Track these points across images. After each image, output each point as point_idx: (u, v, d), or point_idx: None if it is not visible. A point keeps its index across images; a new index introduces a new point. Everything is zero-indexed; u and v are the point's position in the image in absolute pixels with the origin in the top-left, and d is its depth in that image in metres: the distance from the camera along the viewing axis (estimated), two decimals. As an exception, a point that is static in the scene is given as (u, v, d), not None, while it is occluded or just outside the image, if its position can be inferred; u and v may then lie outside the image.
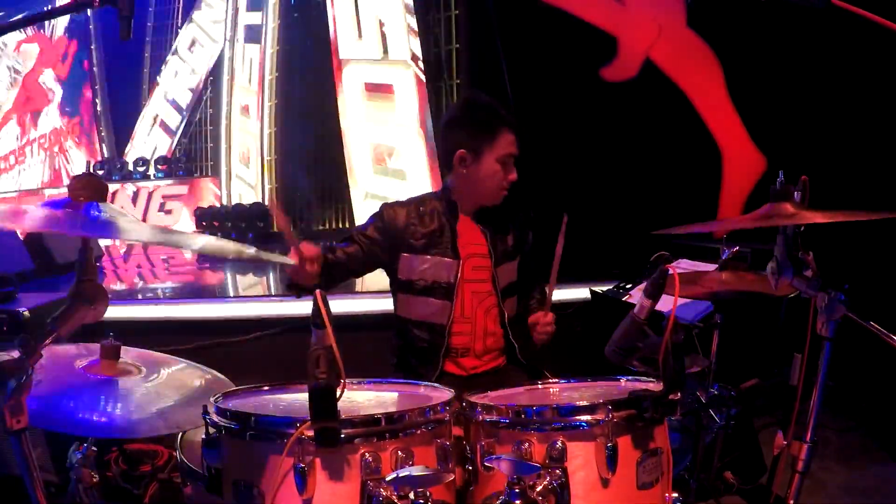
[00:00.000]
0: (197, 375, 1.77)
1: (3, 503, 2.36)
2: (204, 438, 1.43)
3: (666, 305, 1.42)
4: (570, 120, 4.58)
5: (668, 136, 4.56)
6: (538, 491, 1.36)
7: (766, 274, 1.54)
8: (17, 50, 10.52)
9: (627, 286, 3.22)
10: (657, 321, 1.44)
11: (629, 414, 1.41)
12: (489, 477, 1.44)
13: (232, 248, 1.42)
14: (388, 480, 1.28)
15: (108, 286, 1.40)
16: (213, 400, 1.47)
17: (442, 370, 2.21)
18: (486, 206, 2.27)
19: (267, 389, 1.62)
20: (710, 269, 2.38)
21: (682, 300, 2.19)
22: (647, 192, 4.46)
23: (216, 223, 8.78)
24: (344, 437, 1.29)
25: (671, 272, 1.44)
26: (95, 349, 1.66)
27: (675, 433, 1.51)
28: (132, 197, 9.61)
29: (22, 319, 2.71)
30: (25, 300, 2.86)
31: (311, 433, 1.28)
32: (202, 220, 8.96)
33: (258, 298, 4.93)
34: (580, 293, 3.64)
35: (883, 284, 3.17)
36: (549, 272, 2.16)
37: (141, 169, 9.69)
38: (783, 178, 1.53)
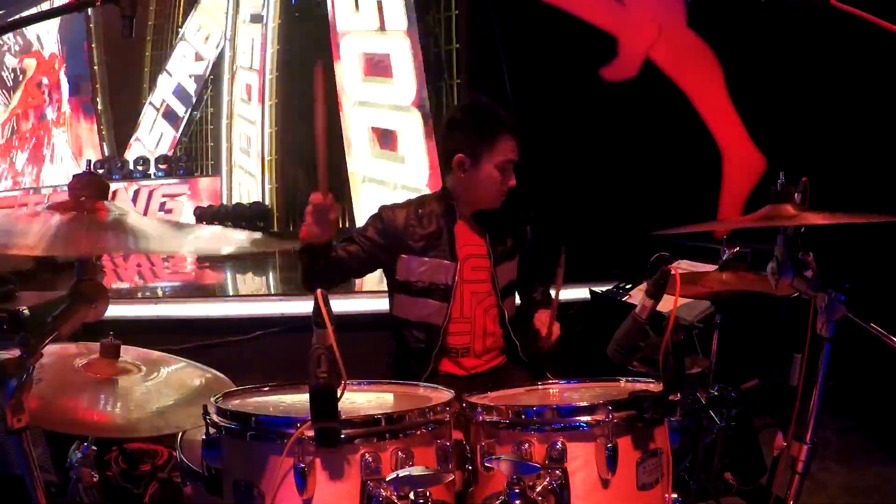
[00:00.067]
0: (197, 375, 1.77)
1: (3, 503, 2.36)
2: (204, 438, 1.43)
3: (666, 306, 1.42)
4: (570, 120, 4.58)
5: (668, 136, 4.55)
6: (538, 491, 1.36)
7: (766, 274, 1.54)
8: (20, 63, 10.64)
9: (627, 286, 3.22)
10: (658, 321, 1.44)
11: (629, 414, 1.41)
12: (489, 477, 1.44)
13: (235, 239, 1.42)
14: (388, 481, 1.28)
15: (107, 285, 1.40)
16: (213, 400, 1.47)
17: (434, 370, 2.21)
18: (484, 209, 2.27)
19: (267, 389, 1.62)
20: (710, 269, 2.38)
21: (682, 300, 2.19)
22: (647, 192, 4.46)
23: (216, 222, 8.78)
24: (344, 437, 1.29)
25: (673, 272, 1.44)
26: (95, 348, 1.66)
27: (674, 434, 1.50)
28: (132, 196, 9.61)
29: (22, 318, 2.70)
30: (25, 299, 2.86)
31: (311, 433, 1.28)
32: (202, 219, 8.97)
33: (258, 298, 4.93)
34: (580, 293, 3.63)
35: (883, 285, 3.17)
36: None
37: (141, 168, 9.68)
38: (784, 178, 1.53)
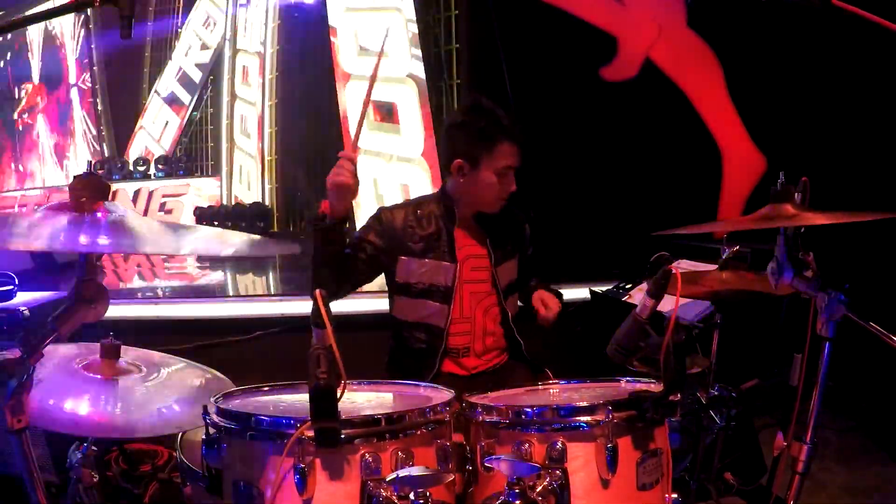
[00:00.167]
0: (197, 375, 1.77)
1: (3, 503, 2.36)
2: (204, 438, 1.43)
3: (667, 306, 1.42)
4: (570, 120, 4.57)
5: (668, 136, 4.55)
6: (538, 491, 1.36)
7: (766, 274, 1.54)
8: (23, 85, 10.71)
9: (627, 286, 3.22)
10: (658, 321, 1.44)
11: (629, 415, 1.41)
12: (489, 477, 1.44)
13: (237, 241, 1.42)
14: (388, 481, 1.28)
15: (107, 286, 1.40)
16: (213, 400, 1.47)
17: (439, 371, 2.21)
18: (483, 212, 2.26)
19: (267, 389, 1.62)
20: (710, 269, 2.38)
21: (682, 300, 2.19)
22: (647, 192, 4.45)
23: (216, 223, 8.78)
24: (344, 437, 1.29)
25: (674, 272, 1.44)
26: (95, 349, 1.66)
27: (675, 434, 1.50)
28: (133, 196, 9.61)
29: (22, 319, 2.71)
30: (25, 300, 2.86)
31: (311, 433, 1.28)
32: (202, 219, 8.97)
33: (258, 298, 4.93)
34: (580, 293, 3.63)
35: (883, 284, 3.17)
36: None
37: (141, 168, 9.68)
38: (783, 178, 1.53)
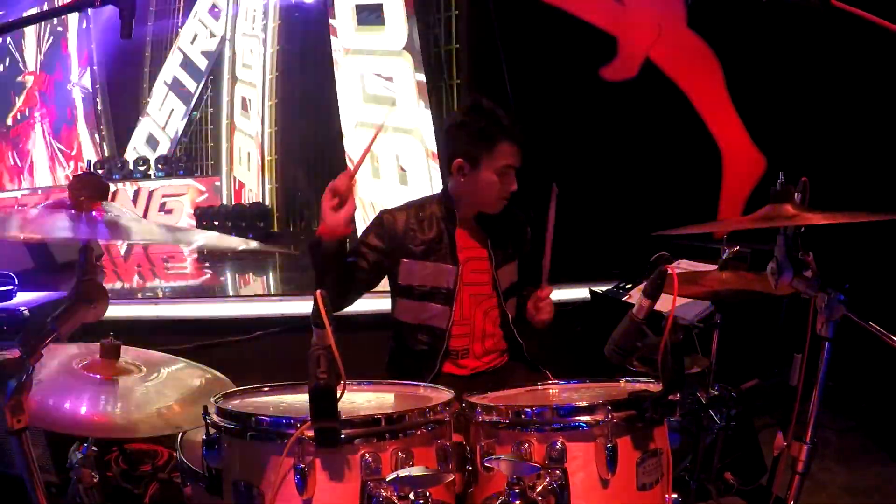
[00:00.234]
0: (197, 375, 1.77)
1: (3, 503, 2.36)
2: (204, 438, 1.43)
3: (665, 305, 1.42)
4: (570, 120, 4.57)
5: (668, 136, 4.55)
6: (538, 491, 1.36)
7: (766, 274, 1.54)
8: (22, 78, 10.72)
9: (627, 286, 3.22)
10: (657, 321, 1.44)
11: (629, 414, 1.41)
12: (489, 477, 1.44)
13: (234, 242, 1.42)
14: (388, 481, 1.28)
15: (107, 286, 1.40)
16: (213, 400, 1.47)
17: (439, 372, 2.21)
18: (485, 212, 2.26)
19: (267, 390, 1.62)
20: (710, 269, 2.38)
21: (682, 300, 2.19)
22: (647, 192, 4.45)
23: (216, 223, 8.78)
24: (344, 437, 1.29)
25: (670, 272, 1.44)
26: (95, 349, 1.66)
27: (674, 434, 1.50)
28: (133, 196, 9.61)
29: (22, 319, 2.71)
30: (25, 300, 2.86)
31: (311, 433, 1.28)
32: (202, 219, 8.97)
33: (258, 298, 4.92)
34: (580, 293, 3.63)
35: (883, 284, 3.17)
36: (550, 271, 2.16)
37: (141, 168, 9.68)
38: (783, 178, 1.53)
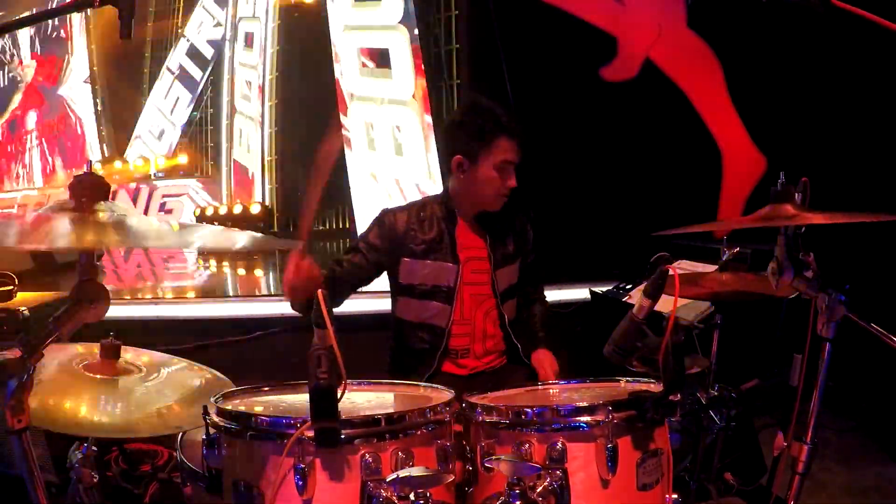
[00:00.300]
0: (197, 375, 1.77)
1: (3, 503, 2.36)
2: (204, 438, 1.43)
3: (666, 306, 1.42)
4: (570, 120, 4.57)
5: (668, 136, 4.55)
6: (538, 492, 1.36)
7: (766, 274, 1.54)
8: (20, 65, 10.65)
9: (627, 286, 3.22)
10: (657, 321, 1.44)
11: (629, 415, 1.41)
12: (489, 478, 1.44)
13: (236, 239, 1.42)
14: (388, 481, 1.28)
15: (107, 286, 1.40)
16: (213, 400, 1.47)
17: (438, 370, 2.22)
18: (485, 210, 2.27)
19: (267, 389, 1.62)
20: (710, 269, 2.38)
21: (682, 301, 2.19)
22: (647, 192, 4.45)
23: (216, 223, 8.78)
24: (344, 437, 1.29)
25: (671, 272, 1.44)
26: (95, 349, 1.66)
27: (674, 434, 1.50)
28: (133, 196, 9.62)
29: (22, 318, 2.70)
30: (25, 300, 2.86)
31: (311, 433, 1.28)
32: (202, 219, 8.98)
33: (258, 298, 4.93)
34: (580, 293, 3.63)
35: (883, 285, 3.17)
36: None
37: (142, 168, 9.69)
38: (783, 178, 1.53)
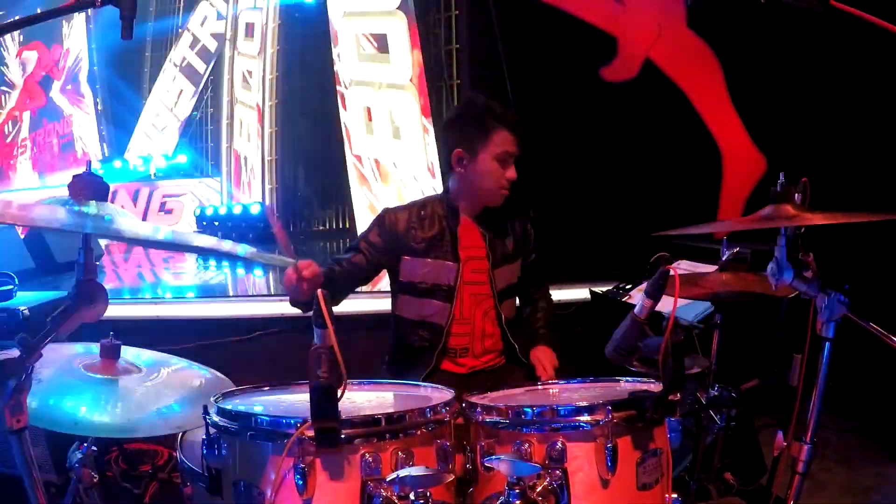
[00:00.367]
0: (197, 375, 1.77)
1: (3, 503, 2.36)
2: (204, 438, 1.43)
3: (666, 306, 1.42)
4: (570, 120, 4.57)
5: (668, 136, 4.54)
6: (538, 491, 1.36)
7: (766, 275, 1.54)
8: (18, 55, 10.60)
9: (627, 286, 3.22)
10: (657, 321, 1.44)
11: (629, 414, 1.41)
12: (489, 477, 1.45)
13: (229, 247, 1.42)
14: (388, 481, 1.28)
15: (107, 286, 1.40)
16: (213, 400, 1.47)
17: (436, 368, 2.22)
18: (487, 206, 2.28)
19: (267, 389, 1.62)
20: (710, 269, 2.38)
21: (682, 301, 2.19)
22: (647, 192, 4.45)
23: (216, 223, 8.77)
24: (344, 437, 1.29)
25: (672, 272, 1.44)
26: (95, 349, 1.66)
27: (674, 434, 1.50)
28: (132, 196, 9.61)
29: (22, 318, 2.71)
30: (25, 300, 2.86)
31: (311, 433, 1.28)
32: (202, 219, 8.96)
33: (258, 298, 4.92)
34: (580, 293, 3.63)
35: (883, 285, 3.17)
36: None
37: (142, 168, 9.69)
38: (783, 178, 1.53)
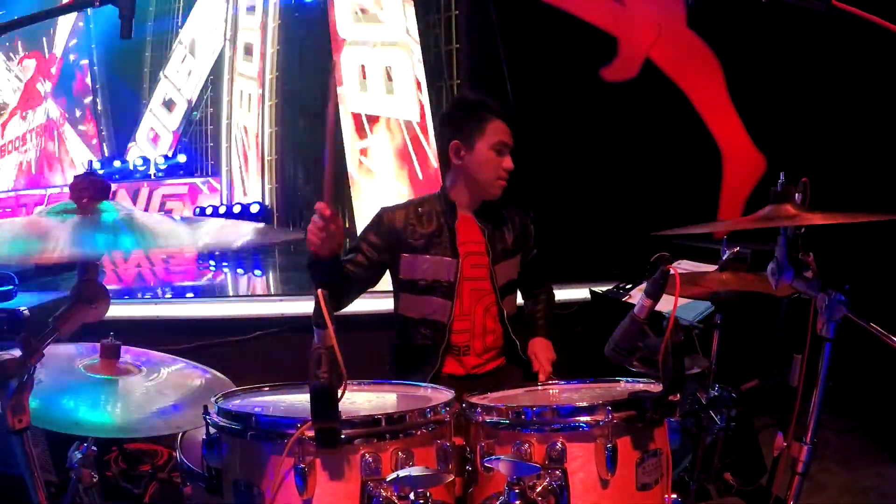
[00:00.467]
0: (197, 375, 1.77)
1: (3, 503, 2.36)
2: (204, 438, 1.43)
3: (666, 306, 1.42)
4: (570, 120, 4.57)
5: (668, 136, 4.54)
6: (538, 492, 1.36)
7: (766, 275, 1.54)
8: (20, 63, 10.65)
9: (627, 286, 3.22)
10: (657, 321, 1.44)
11: (629, 415, 1.41)
12: (489, 478, 1.45)
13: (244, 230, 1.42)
14: (388, 481, 1.28)
15: (107, 286, 1.40)
16: (213, 400, 1.47)
17: (440, 368, 2.22)
18: (485, 199, 2.28)
19: (267, 389, 1.62)
20: (710, 269, 2.38)
21: (682, 300, 2.19)
22: (647, 192, 4.45)
23: (216, 223, 8.77)
24: (344, 437, 1.29)
25: (672, 272, 1.44)
26: (95, 349, 1.66)
27: (674, 434, 1.51)
28: (132, 196, 9.61)
29: (22, 319, 2.71)
30: (25, 300, 2.86)
31: (311, 433, 1.28)
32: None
33: (258, 298, 4.92)
34: (580, 293, 3.63)
35: (883, 285, 3.17)
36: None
37: (142, 168, 9.69)
38: (784, 178, 1.53)
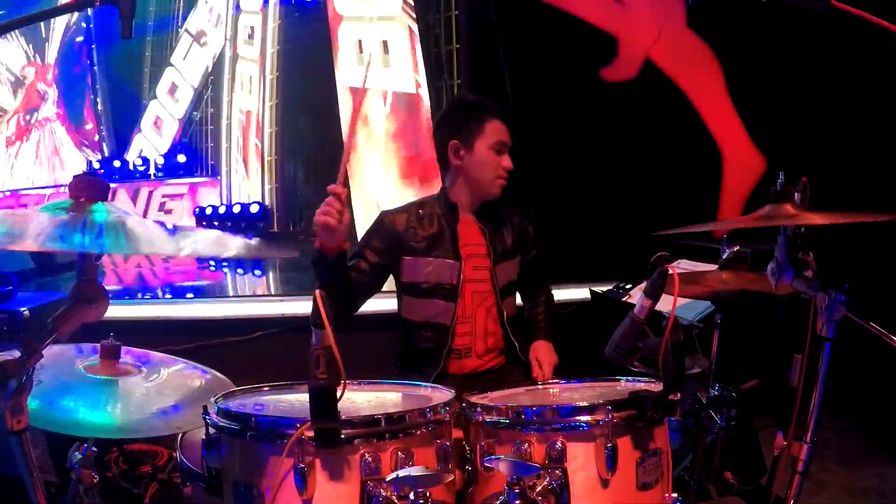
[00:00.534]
0: (197, 375, 1.77)
1: (3, 503, 2.36)
2: (204, 439, 1.43)
3: (666, 305, 1.42)
4: (570, 120, 4.57)
5: (668, 136, 4.55)
6: (538, 491, 1.36)
7: (766, 274, 1.54)
8: (21, 71, 10.69)
9: (627, 286, 3.22)
10: (657, 321, 1.44)
11: (629, 414, 1.41)
12: (489, 477, 1.45)
13: (234, 244, 1.42)
14: (387, 481, 1.28)
15: (107, 286, 1.41)
16: (213, 400, 1.47)
17: (444, 370, 2.22)
18: (485, 199, 2.28)
19: (267, 390, 1.62)
20: (710, 269, 2.38)
21: (682, 300, 2.19)
22: (647, 192, 4.45)
23: (216, 223, 8.77)
24: (344, 437, 1.29)
25: (671, 272, 1.44)
26: (95, 349, 1.66)
27: (674, 434, 1.51)
28: (132, 196, 9.61)
29: (22, 319, 2.71)
30: (25, 300, 2.86)
31: (311, 433, 1.28)
32: (201, 219, 8.96)
33: (258, 298, 4.92)
34: (580, 293, 3.63)
35: (883, 284, 3.17)
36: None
37: (142, 168, 9.69)
38: (783, 178, 1.53)
